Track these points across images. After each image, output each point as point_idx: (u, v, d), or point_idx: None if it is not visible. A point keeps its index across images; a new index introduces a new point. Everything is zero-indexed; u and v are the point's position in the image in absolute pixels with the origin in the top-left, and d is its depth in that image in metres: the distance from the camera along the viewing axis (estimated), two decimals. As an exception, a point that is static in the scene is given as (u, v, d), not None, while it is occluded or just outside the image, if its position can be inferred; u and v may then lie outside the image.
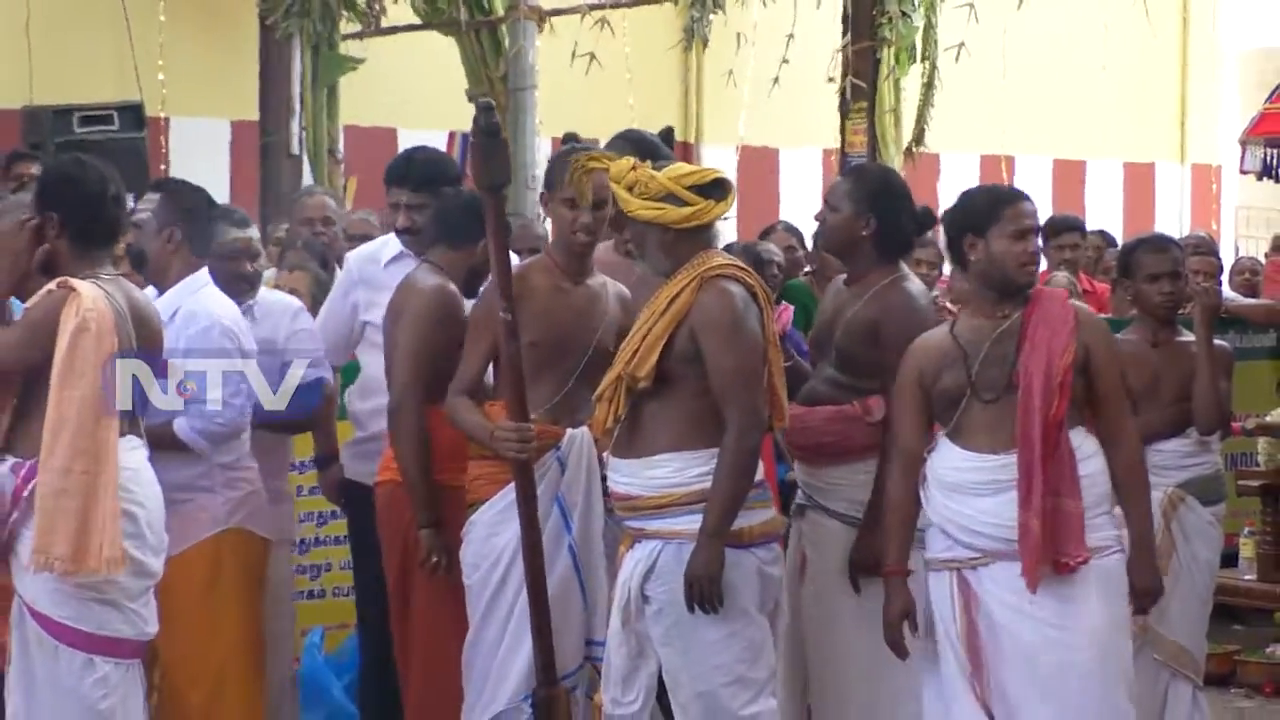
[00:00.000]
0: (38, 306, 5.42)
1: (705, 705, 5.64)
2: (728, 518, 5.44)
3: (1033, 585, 5.28)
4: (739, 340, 5.54)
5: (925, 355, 5.56)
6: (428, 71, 13.39)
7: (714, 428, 5.59)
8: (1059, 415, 5.29)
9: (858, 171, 6.79)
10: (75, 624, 5.40)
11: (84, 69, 12.48)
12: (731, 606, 5.59)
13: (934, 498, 5.47)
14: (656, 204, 5.61)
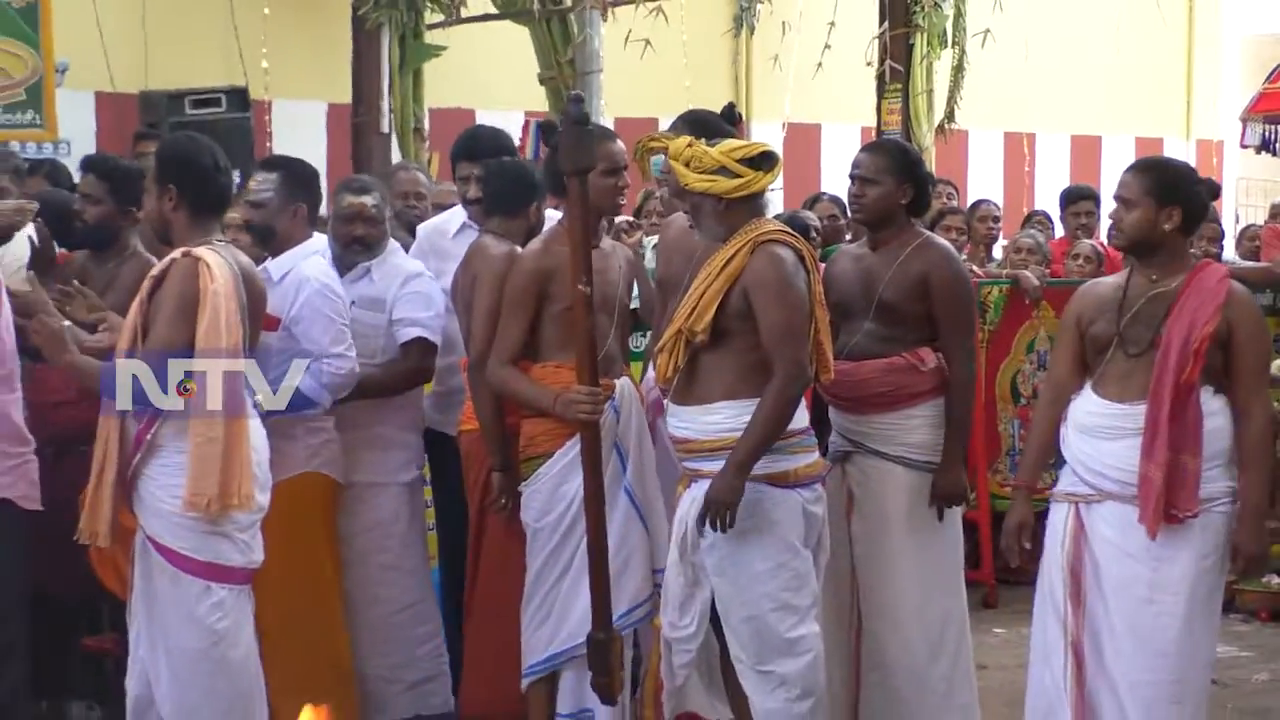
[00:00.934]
0: (174, 280, 5.44)
1: (754, 628, 5.64)
2: (754, 455, 5.41)
3: (1152, 532, 5.19)
4: (787, 299, 5.51)
5: (1087, 301, 5.53)
6: (503, 57, 13.37)
7: (764, 379, 5.57)
8: (1191, 378, 5.20)
9: (884, 146, 6.73)
10: (194, 554, 5.45)
11: (195, 56, 12.50)
12: (778, 540, 5.60)
13: (1069, 436, 5.42)
14: (710, 176, 5.60)
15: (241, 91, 11.93)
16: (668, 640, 5.83)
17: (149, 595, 5.51)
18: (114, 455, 5.43)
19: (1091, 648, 5.32)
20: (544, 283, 6.02)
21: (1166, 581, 5.24)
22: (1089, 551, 5.34)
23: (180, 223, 5.55)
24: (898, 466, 6.10)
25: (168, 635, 5.48)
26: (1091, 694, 5.32)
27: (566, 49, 12.39)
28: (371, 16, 11.82)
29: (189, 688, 5.48)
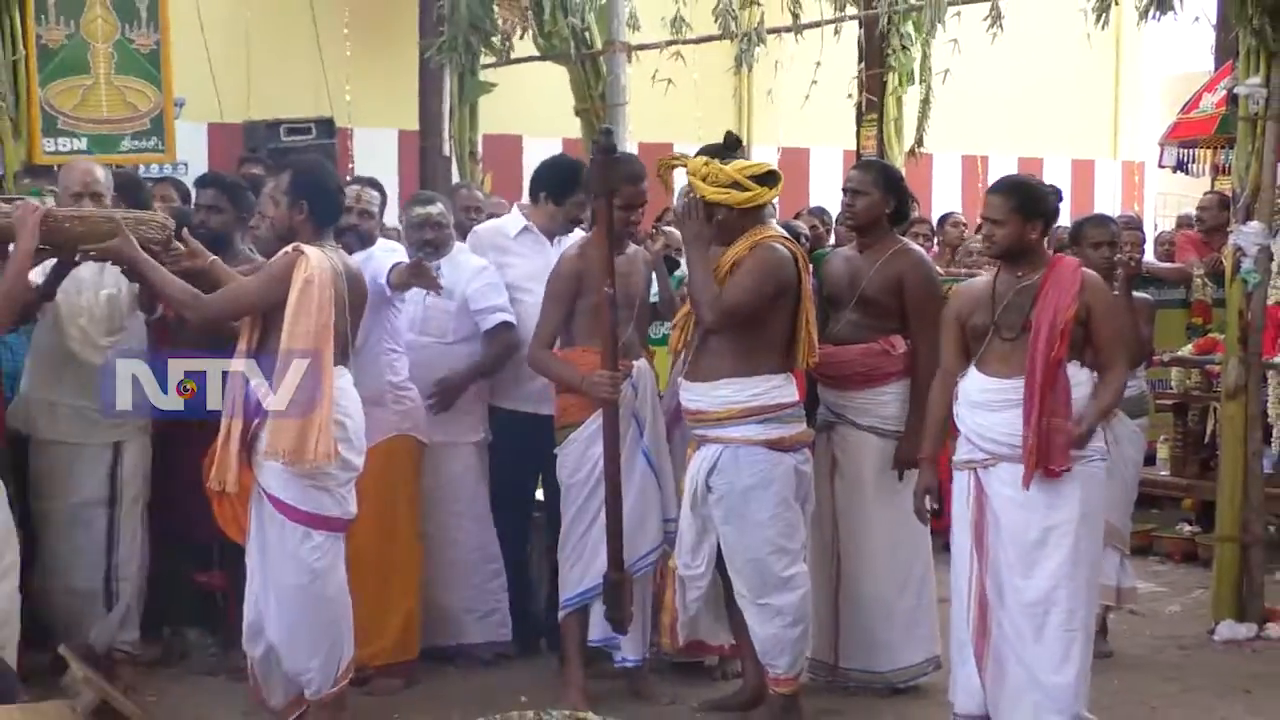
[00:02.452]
0: (277, 263, 5.52)
1: (755, 568, 5.67)
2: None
3: (1027, 484, 5.18)
4: (759, 272, 5.58)
5: (964, 299, 5.50)
6: (544, 92, 13.32)
7: (764, 359, 5.60)
8: (1059, 355, 5.18)
9: (873, 164, 6.76)
10: (298, 505, 5.48)
11: (289, 91, 12.52)
12: (775, 495, 5.63)
13: (961, 412, 5.40)
14: (724, 189, 5.61)
15: (328, 121, 11.95)
16: (681, 579, 5.85)
17: (262, 538, 5.55)
18: (240, 417, 5.47)
19: (994, 589, 5.28)
20: (578, 281, 6.03)
21: (1055, 523, 5.20)
22: (989, 508, 5.29)
23: (305, 230, 5.59)
24: (871, 435, 6.12)
25: (275, 572, 5.53)
26: (995, 628, 5.29)
27: (598, 85, 12.34)
28: (436, 58, 11.79)
29: (291, 615, 5.52)
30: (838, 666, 6.24)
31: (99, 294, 6.11)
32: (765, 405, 5.63)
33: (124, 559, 6.16)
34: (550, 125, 13.79)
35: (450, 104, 12.02)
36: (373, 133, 13.24)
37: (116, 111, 9.18)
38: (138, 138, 9.24)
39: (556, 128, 13.66)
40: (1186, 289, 9.73)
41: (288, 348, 5.39)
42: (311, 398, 5.41)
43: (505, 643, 6.69)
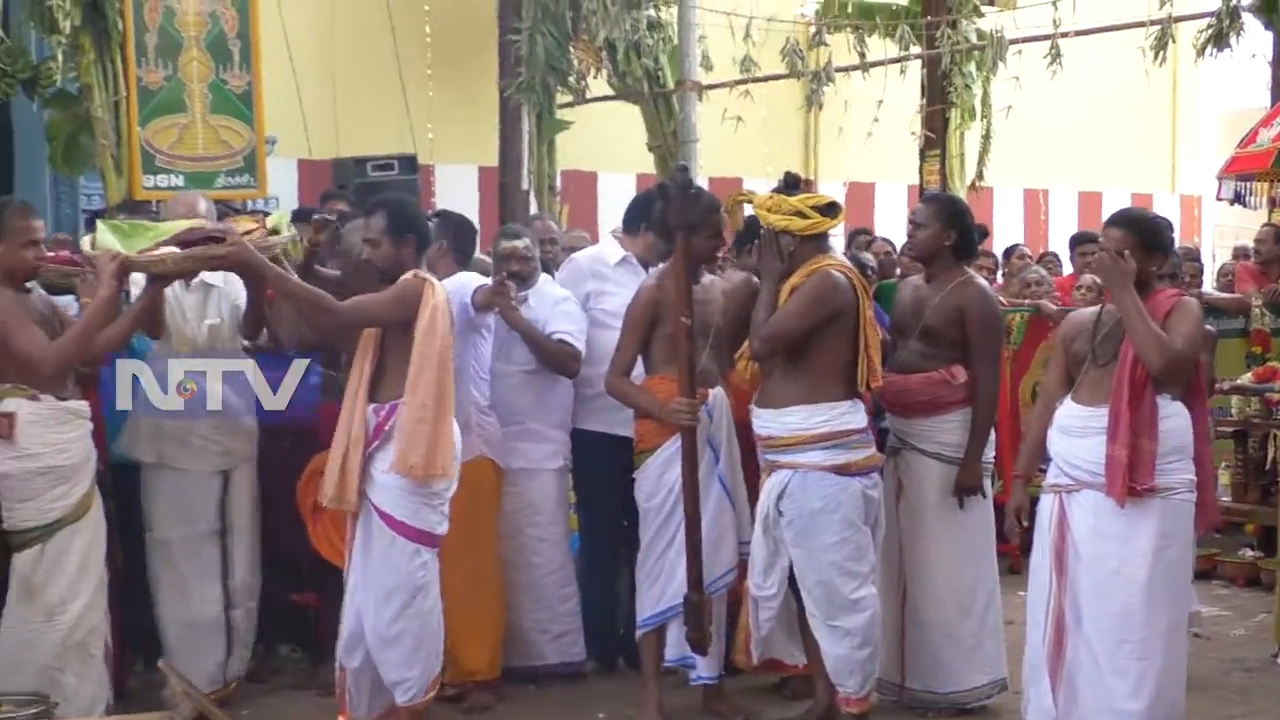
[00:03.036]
0: (405, 287, 5.58)
1: (824, 590, 5.64)
2: None
3: (1121, 500, 5.04)
4: (809, 297, 5.59)
5: (1071, 326, 5.44)
6: (619, 129, 13.39)
7: (830, 385, 5.58)
8: (1143, 378, 5.07)
9: (937, 198, 6.72)
10: (409, 521, 5.54)
11: (375, 129, 12.61)
12: (843, 519, 5.60)
13: (1053, 437, 5.31)
14: (787, 217, 5.63)
15: (411, 158, 12.00)
16: (754, 599, 5.83)
17: (368, 552, 5.58)
18: (359, 440, 5.51)
19: (1071, 613, 5.20)
20: (655, 311, 6.03)
21: (1131, 555, 5.09)
22: (1069, 533, 5.21)
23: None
24: (933, 461, 6.06)
25: (381, 586, 5.55)
26: (1071, 652, 5.20)
27: (670, 123, 12.42)
28: (515, 97, 11.88)
29: (395, 627, 5.56)
30: (904, 686, 6.18)
31: (202, 324, 6.15)
32: (832, 431, 5.61)
33: (239, 587, 6.19)
34: (624, 161, 13.84)
35: (528, 141, 12.09)
36: (454, 169, 13.32)
37: (211, 149, 9.29)
38: (231, 174, 9.35)
39: (630, 163, 13.73)
40: (1245, 319, 9.61)
41: (418, 366, 5.46)
42: (439, 415, 5.49)
43: (579, 662, 6.68)
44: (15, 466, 5.35)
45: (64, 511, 5.41)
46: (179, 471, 6.11)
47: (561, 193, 12.54)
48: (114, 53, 9.06)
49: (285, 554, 6.38)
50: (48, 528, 5.39)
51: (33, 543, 5.37)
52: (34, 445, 5.35)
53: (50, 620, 5.39)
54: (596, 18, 11.87)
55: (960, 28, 11.82)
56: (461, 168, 13.44)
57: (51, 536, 5.39)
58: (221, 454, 6.12)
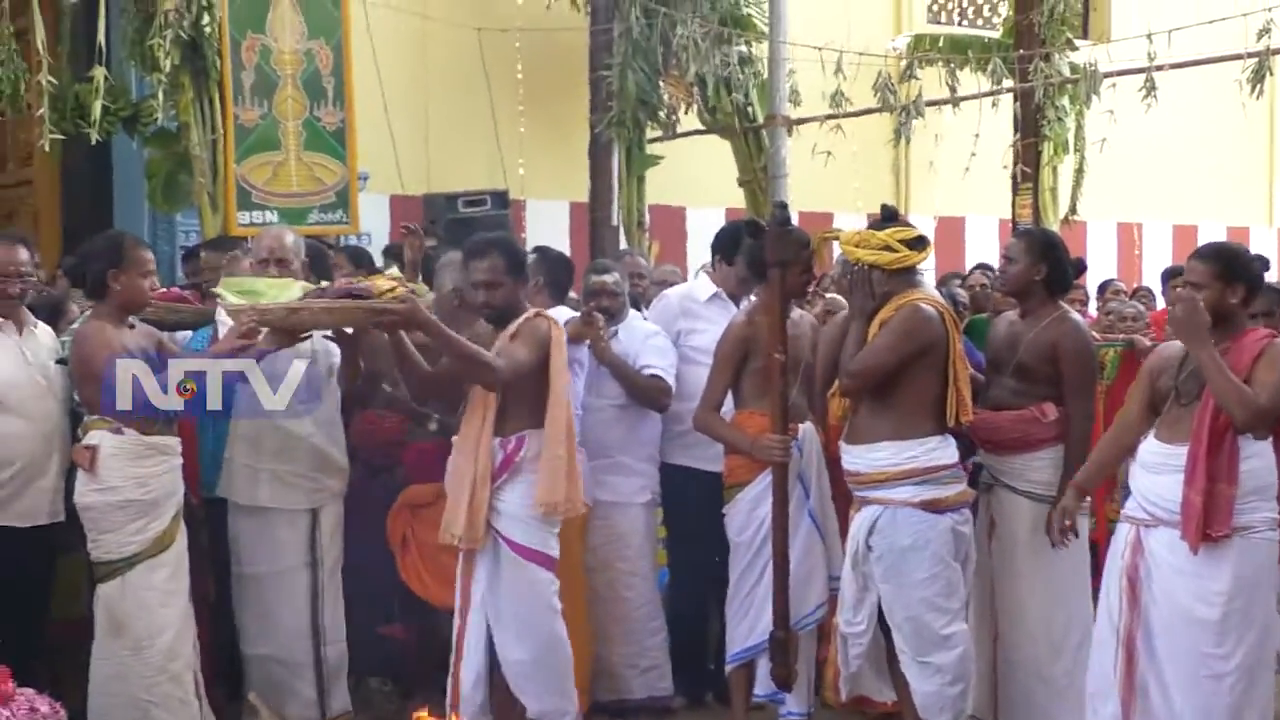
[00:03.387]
0: (537, 328, 5.61)
1: (913, 626, 5.62)
2: None
3: (1195, 547, 5.04)
4: (898, 331, 5.58)
5: (1158, 360, 5.42)
6: (709, 164, 13.43)
7: (920, 421, 5.57)
8: (1225, 422, 5.04)
9: (1029, 233, 6.68)
10: (541, 549, 5.58)
11: (466, 165, 12.73)
12: (933, 554, 5.58)
13: (1135, 471, 5.31)
14: (876, 252, 5.63)
15: (503, 193, 12.09)
16: (843, 635, 5.82)
17: (496, 583, 5.58)
18: (486, 475, 5.52)
19: (1144, 644, 5.17)
20: (746, 346, 6.06)
21: (1206, 594, 5.07)
22: (1144, 564, 5.19)
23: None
24: (1025, 500, 6.01)
25: (519, 616, 5.55)
26: (1141, 681, 5.18)
27: (760, 157, 12.45)
28: (605, 133, 11.96)
29: (540, 654, 5.57)
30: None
31: (294, 363, 6.11)
32: (922, 467, 5.61)
33: (329, 623, 6.17)
34: (714, 196, 13.88)
35: (619, 176, 12.15)
36: (545, 204, 13.41)
37: (305, 186, 9.43)
38: (324, 210, 9.48)
39: (720, 198, 13.76)
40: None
41: (554, 403, 5.52)
42: (571, 450, 5.57)
43: (666, 697, 6.69)
44: (97, 499, 5.46)
45: (142, 546, 5.50)
46: (269, 511, 6.12)
47: (651, 228, 12.57)
48: (212, 91, 9.22)
49: (374, 586, 6.43)
50: (127, 560, 5.49)
51: (114, 574, 5.48)
52: (115, 478, 5.45)
53: (138, 653, 5.48)
54: (687, 53, 11.94)
55: (1053, 61, 11.75)
56: (552, 203, 13.53)
57: (132, 569, 5.48)
58: (314, 491, 6.14)
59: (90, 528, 5.51)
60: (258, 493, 6.11)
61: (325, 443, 6.11)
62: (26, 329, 5.84)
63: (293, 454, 6.06)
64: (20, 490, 5.69)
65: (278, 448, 6.07)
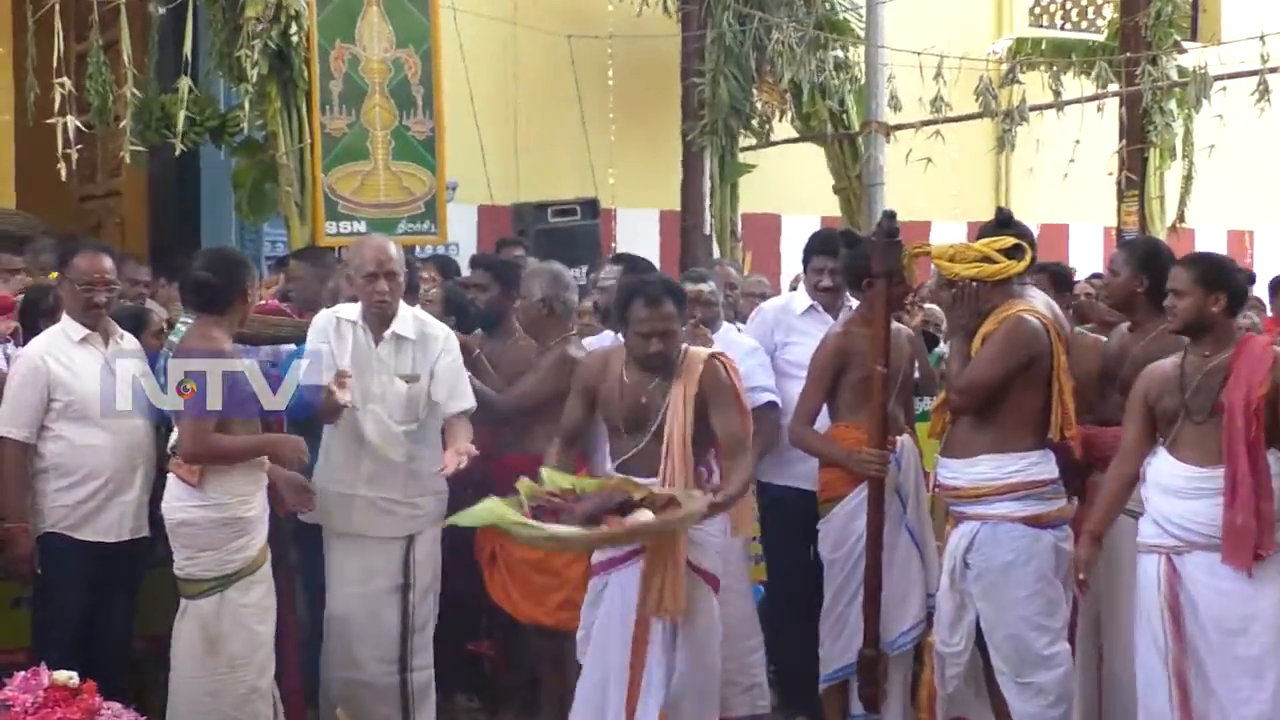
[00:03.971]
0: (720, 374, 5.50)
1: (1014, 646, 5.56)
2: None
3: (1248, 568, 4.99)
4: (1003, 344, 5.50)
5: (1152, 380, 5.33)
6: (803, 172, 13.38)
7: (1021, 434, 5.51)
8: (1258, 436, 5.00)
9: (1132, 244, 6.60)
10: (712, 569, 5.54)
11: (556, 174, 12.76)
12: (1034, 572, 5.53)
13: (1152, 497, 5.24)
14: (975, 265, 5.58)
15: (593, 202, 12.14)
16: (940, 655, 5.78)
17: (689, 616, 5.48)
18: None
19: (1196, 674, 5.10)
20: (843, 358, 6.04)
21: (1255, 614, 5.02)
22: (1184, 592, 5.12)
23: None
24: (1127, 517, 5.93)
25: (699, 636, 5.50)
26: (1200, 712, 5.10)
27: (855, 165, 12.38)
28: (697, 141, 11.96)
29: (711, 679, 5.56)
30: (1101, 747, 6.07)
31: (394, 379, 6.04)
32: (1023, 482, 5.55)
33: (418, 647, 6.08)
34: (808, 204, 13.83)
35: (711, 184, 12.14)
36: (635, 213, 13.42)
37: (393, 196, 9.50)
38: (413, 220, 9.54)
39: (814, 206, 13.71)
40: None
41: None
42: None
43: (765, 715, 6.66)
44: (199, 515, 5.47)
45: (243, 564, 5.53)
46: (365, 539, 6.06)
47: (744, 237, 12.55)
48: (299, 100, 9.30)
49: (462, 602, 6.45)
50: (226, 579, 5.52)
51: (210, 591, 5.50)
52: (220, 494, 5.48)
53: (233, 671, 5.51)
54: (781, 59, 11.91)
55: (1161, 64, 11.61)
56: (643, 212, 13.54)
57: (229, 587, 5.51)
58: (409, 518, 6.07)
59: (186, 544, 5.50)
60: (352, 520, 6.05)
61: (427, 465, 6.02)
62: (113, 340, 5.89)
63: (387, 480, 6.00)
64: (104, 504, 5.75)
65: (373, 473, 6.02)
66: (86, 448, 5.72)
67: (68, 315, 5.85)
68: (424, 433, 6.04)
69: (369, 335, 6.01)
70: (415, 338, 6.05)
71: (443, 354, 6.08)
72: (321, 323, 6.09)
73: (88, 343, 5.81)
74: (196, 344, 5.47)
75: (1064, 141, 12.05)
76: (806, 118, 12.61)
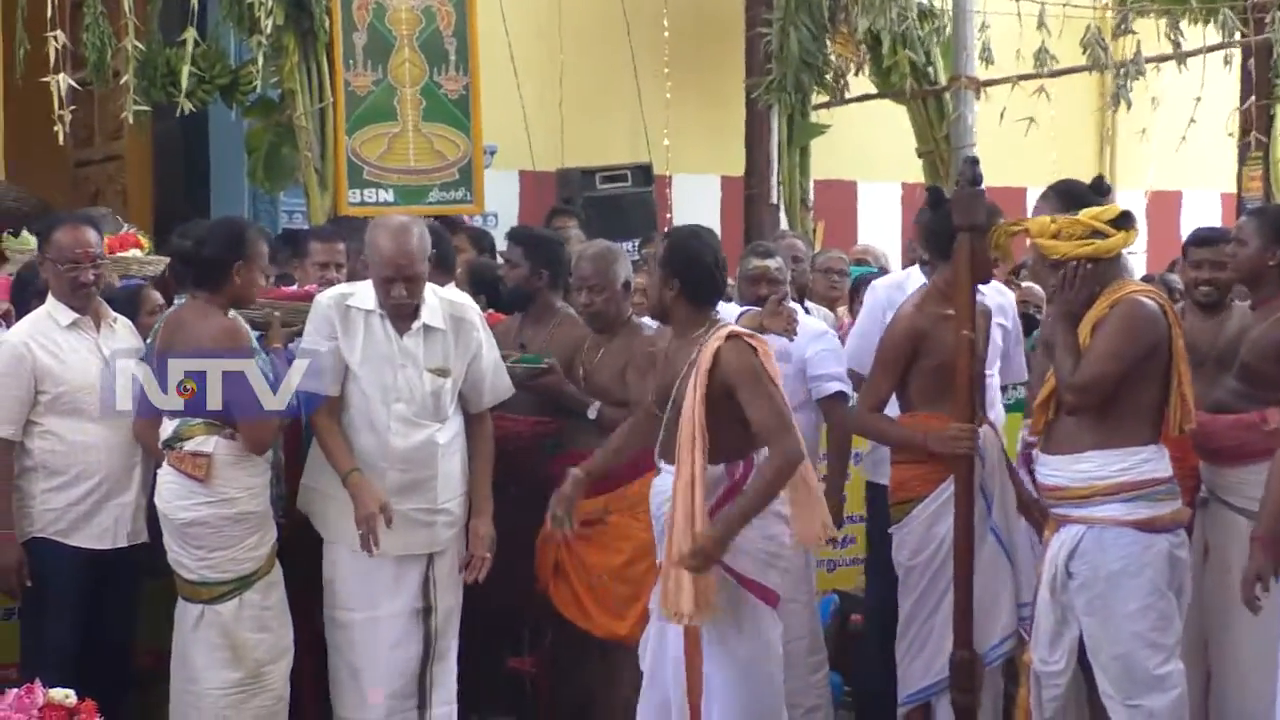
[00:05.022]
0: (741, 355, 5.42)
1: (1123, 665, 5.52)
2: None
3: None
4: (1121, 332, 5.42)
5: None
6: (882, 133, 13.34)
7: (1132, 428, 5.46)
8: None
9: (1262, 212, 6.53)
10: (769, 584, 5.54)
11: (605, 137, 12.76)
12: (1146, 582, 5.47)
13: None
14: (1085, 241, 5.51)
15: (646, 168, 12.13)
16: (1037, 675, 5.73)
17: (722, 619, 5.48)
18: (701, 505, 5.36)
19: None
20: (917, 340, 6.00)
21: None
22: None
23: (680, 311, 5.54)
24: (1242, 518, 5.87)
25: (736, 650, 5.49)
26: None
27: (942, 125, 12.32)
28: (763, 98, 11.93)
29: (745, 692, 5.50)
30: (1213, 779, 6.03)
31: (423, 374, 5.89)
32: (1134, 481, 5.48)
33: (438, 680, 5.93)
34: (888, 169, 13.80)
35: (778, 148, 12.11)
36: (693, 179, 13.41)
37: (424, 161, 9.51)
38: (446, 188, 9.56)
39: (895, 172, 13.68)
40: None
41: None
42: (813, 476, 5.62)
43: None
44: (210, 512, 5.50)
45: (258, 563, 5.59)
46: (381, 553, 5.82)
47: (815, 205, 12.52)
48: (319, 54, 9.32)
49: (502, 616, 6.45)
50: (244, 580, 5.55)
51: (228, 596, 5.54)
52: (231, 489, 5.51)
53: (258, 679, 5.57)
54: (858, 7, 11.87)
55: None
56: (702, 178, 13.53)
57: (248, 588, 5.55)
58: (441, 529, 5.91)
59: (197, 545, 5.53)
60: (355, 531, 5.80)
61: (457, 467, 5.96)
62: (105, 324, 5.90)
63: (415, 488, 5.85)
64: (97, 508, 5.76)
65: (397, 482, 5.80)
66: (78, 444, 5.73)
67: (54, 297, 5.84)
68: (452, 430, 5.98)
69: (390, 326, 5.85)
70: (447, 326, 5.95)
71: (482, 344, 6.03)
72: (323, 311, 5.87)
73: (77, 327, 5.81)
74: (203, 318, 5.56)
75: (1177, 99, 11.95)
76: (886, 72, 12.55)
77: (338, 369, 5.78)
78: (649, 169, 12.13)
